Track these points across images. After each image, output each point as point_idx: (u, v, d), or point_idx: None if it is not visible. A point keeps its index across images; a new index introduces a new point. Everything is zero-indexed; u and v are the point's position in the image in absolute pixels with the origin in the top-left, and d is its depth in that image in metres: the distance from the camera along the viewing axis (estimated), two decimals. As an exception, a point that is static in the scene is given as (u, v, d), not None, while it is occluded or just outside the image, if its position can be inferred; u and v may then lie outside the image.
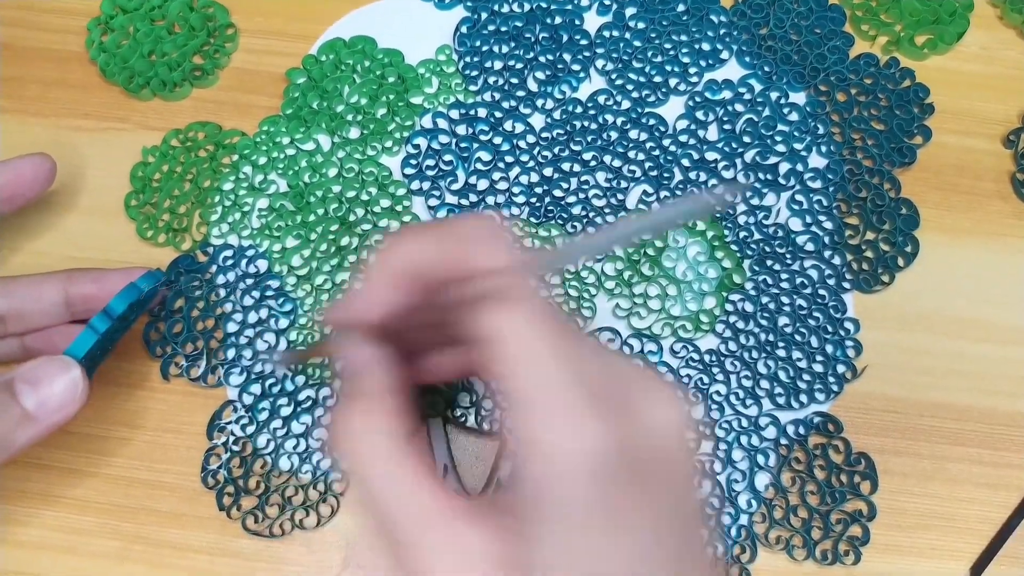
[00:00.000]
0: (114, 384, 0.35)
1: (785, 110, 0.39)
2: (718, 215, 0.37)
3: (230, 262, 0.36)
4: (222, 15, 0.41)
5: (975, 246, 0.37)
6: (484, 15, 0.40)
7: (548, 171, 0.38)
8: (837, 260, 0.36)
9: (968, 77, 0.40)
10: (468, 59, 0.40)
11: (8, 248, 0.38)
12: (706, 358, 0.35)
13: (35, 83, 0.40)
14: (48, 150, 0.39)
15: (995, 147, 0.39)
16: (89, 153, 0.39)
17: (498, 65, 0.40)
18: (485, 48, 0.40)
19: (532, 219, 0.37)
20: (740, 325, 0.35)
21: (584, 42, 0.40)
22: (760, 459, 0.34)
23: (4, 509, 0.34)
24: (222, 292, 0.36)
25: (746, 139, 0.38)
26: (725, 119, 0.38)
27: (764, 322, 0.35)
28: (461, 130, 0.38)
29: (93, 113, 0.40)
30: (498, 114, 0.39)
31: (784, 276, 0.36)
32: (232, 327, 0.35)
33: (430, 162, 0.38)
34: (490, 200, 0.37)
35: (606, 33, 0.40)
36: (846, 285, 0.36)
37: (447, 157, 0.38)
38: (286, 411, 0.34)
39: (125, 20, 0.41)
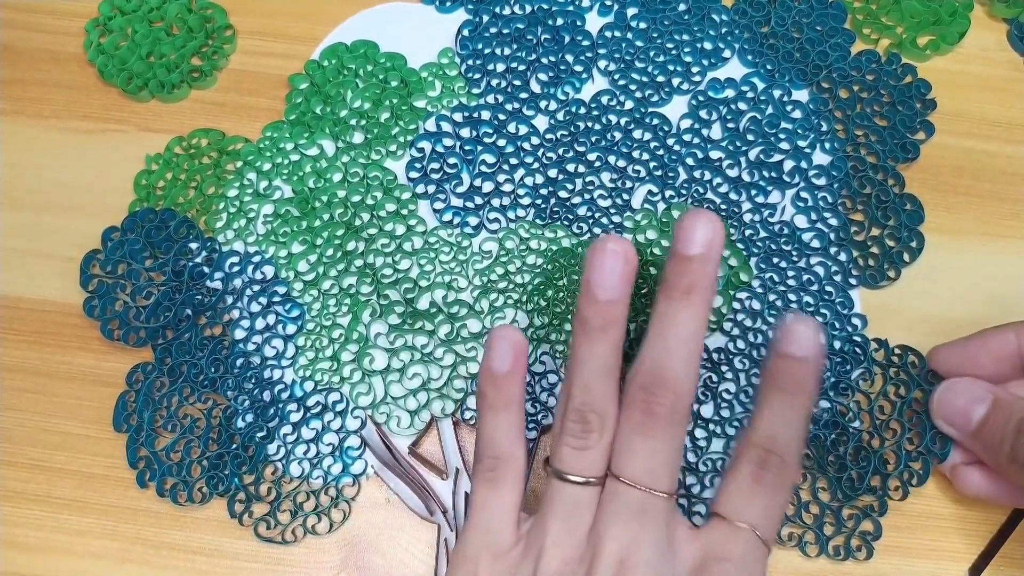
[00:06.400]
0: (115, 386, 0.35)
1: (788, 108, 0.39)
2: (723, 214, 0.37)
3: (236, 268, 0.36)
4: (220, 17, 0.41)
5: (975, 247, 0.37)
6: (486, 18, 0.40)
7: (553, 172, 0.38)
8: (843, 256, 0.36)
9: (966, 78, 0.40)
10: (470, 62, 0.40)
11: (8, 249, 0.38)
12: (715, 356, 0.35)
13: (34, 85, 0.40)
14: (47, 151, 0.39)
15: (992, 147, 0.39)
16: (88, 155, 0.39)
17: (500, 67, 0.40)
18: (487, 51, 0.40)
19: (538, 221, 0.37)
20: (748, 323, 0.35)
21: (586, 43, 0.40)
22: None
23: (4, 511, 0.34)
24: (229, 299, 0.36)
25: (750, 137, 0.38)
26: (728, 117, 0.39)
27: (772, 319, 0.35)
28: (465, 133, 0.38)
29: (92, 115, 0.40)
30: (502, 116, 0.39)
31: (791, 273, 0.36)
32: (240, 333, 0.35)
33: (435, 165, 0.38)
34: (495, 202, 0.37)
35: (608, 34, 0.40)
36: (852, 281, 0.36)
37: (451, 160, 0.38)
38: (296, 416, 0.34)
39: (123, 22, 0.41)
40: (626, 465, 0.27)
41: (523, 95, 0.39)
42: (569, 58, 0.40)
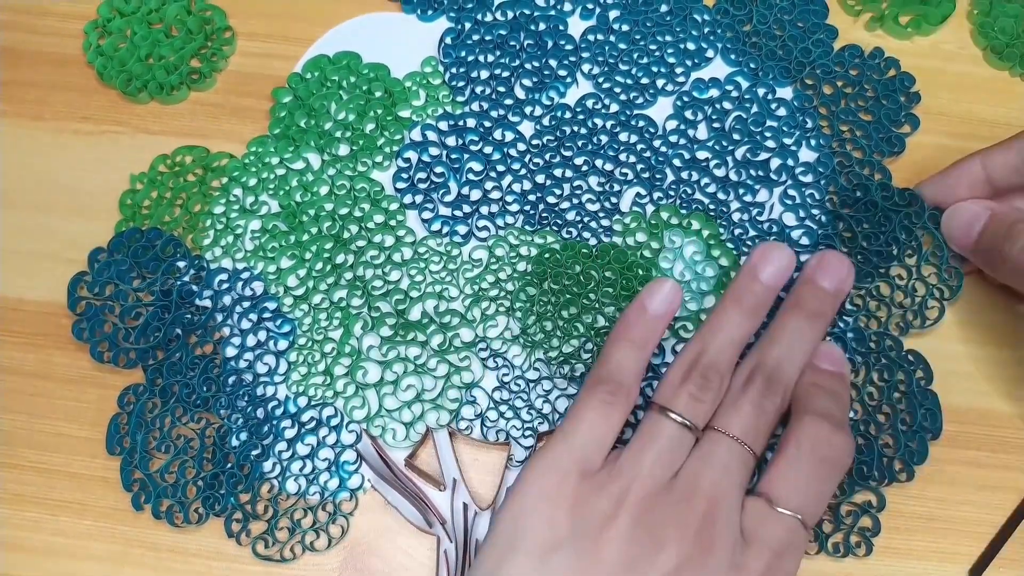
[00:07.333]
0: (113, 388, 0.35)
1: (773, 106, 0.39)
2: (711, 214, 0.37)
3: (225, 285, 0.36)
4: (219, 18, 0.41)
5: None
6: (468, 25, 0.40)
7: (540, 178, 0.38)
8: (833, 253, 0.36)
9: (952, 78, 0.40)
10: (454, 70, 0.40)
11: (7, 250, 0.37)
12: (708, 357, 0.35)
13: (34, 86, 0.40)
14: (47, 153, 0.39)
15: (979, 147, 0.39)
16: (88, 156, 0.39)
17: (484, 74, 0.39)
18: (471, 58, 0.40)
19: (527, 227, 0.37)
20: (740, 322, 0.35)
21: (569, 47, 0.40)
22: (768, 454, 0.33)
23: (3, 513, 0.34)
24: (219, 316, 0.36)
25: (736, 136, 0.38)
26: (714, 117, 0.39)
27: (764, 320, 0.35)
28: (451, 141, 0.38)
29: (91, 116, 0.40)
30: (487, 123, 0.38)
31: (781, 271, 0.36)
32: (231, 351, 0.35)
33: (421, 175, 0.38)
34: (484, 210, 0.37)
35: (591, 37, 0.40)
36: (843, 277, 0.36)
37: (438, 169, 0.38)
38: (290, 433, 0.34)
39: (122, 23, 0.40)
40: (735, 424, 0.30)
41: (508, 101, 0.39)
42: (553, 63, 0.40)
